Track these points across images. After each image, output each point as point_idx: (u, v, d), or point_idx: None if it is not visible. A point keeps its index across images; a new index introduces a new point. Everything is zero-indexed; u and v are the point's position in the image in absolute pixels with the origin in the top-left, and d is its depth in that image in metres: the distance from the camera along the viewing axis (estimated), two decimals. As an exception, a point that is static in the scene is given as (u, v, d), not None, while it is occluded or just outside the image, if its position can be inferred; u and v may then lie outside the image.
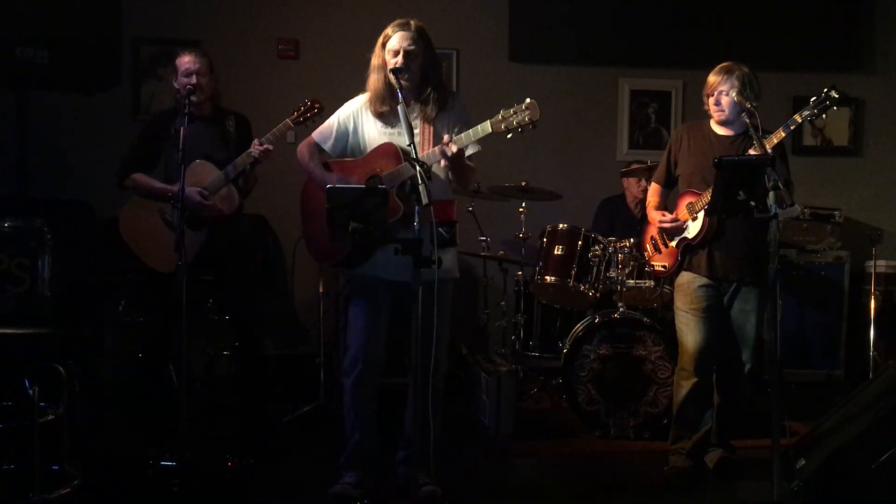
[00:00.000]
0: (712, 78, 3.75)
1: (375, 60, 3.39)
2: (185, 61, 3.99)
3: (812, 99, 3.60)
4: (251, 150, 3.95)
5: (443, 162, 3.25)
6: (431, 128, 3.37)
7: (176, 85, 4.05)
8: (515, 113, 3.16)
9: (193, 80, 3.93)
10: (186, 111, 3.72)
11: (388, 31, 3.36)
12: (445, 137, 3.21)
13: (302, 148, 3.53)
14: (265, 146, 3.95)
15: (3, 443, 3.50)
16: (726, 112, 3.73)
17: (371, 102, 3.43)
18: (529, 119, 3.14)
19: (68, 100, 5.33)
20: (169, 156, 4.04)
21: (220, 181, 3.95)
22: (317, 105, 4.08)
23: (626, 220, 5.34)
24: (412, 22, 3.36)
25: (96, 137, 5.49)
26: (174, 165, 4.00)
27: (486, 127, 3.20)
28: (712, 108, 3.76)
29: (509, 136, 3.18)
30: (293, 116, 4.07)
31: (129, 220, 4.06)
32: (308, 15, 5.88)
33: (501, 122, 3.17)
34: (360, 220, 2.86)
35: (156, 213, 4.03)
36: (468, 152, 3.31)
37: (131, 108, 5.69)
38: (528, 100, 3.17)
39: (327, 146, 3.50)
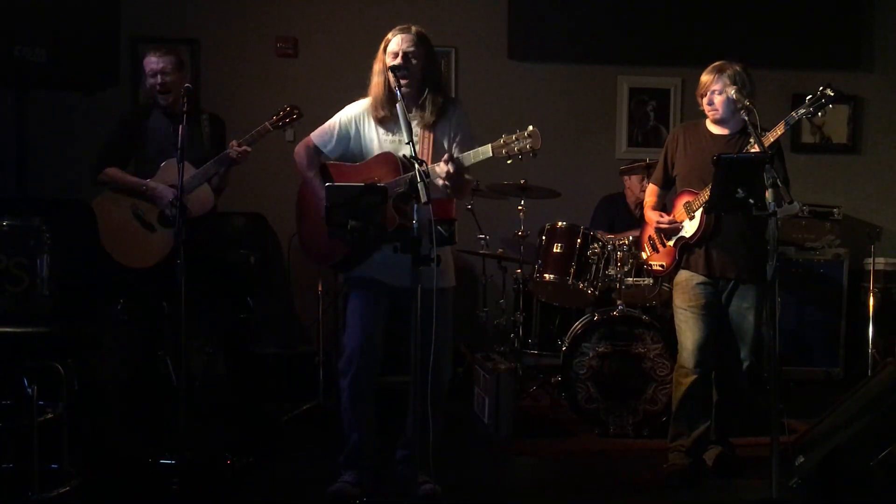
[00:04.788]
0: (705, 77, 3.75)
1: (377, 65, 3.39)
2: (150, 62, 3.98)
3: (808, 97, 3.60)
4: (229, 151, 3.94)
5: (439, 181, 3.24)
6: (431, 135, 3.36)
7: (146, 85, 4.03)
8: (517, 140, 3.16)
9: (159, 79, 3.92)
10: (185, 111, 3.67)
11: (389, 35, 3.37)
12: (446, 156, 3.20)
13: (300, 150, 3.51)
14: (244, 148, 3.94)
15: (2, 442, 3.50)
16: (720, 111, 3.73)
17: (373, 108, 3.42)
18: (531, 147, 3.15)
19: (67, 99, 5.33)
20: (142, 153, 4.01)
21: (196, 180, 3.93)
22: (296, 111, 4.09)
23: (626, 218, 5.35)
24: (413, 27, 3.37)
25: (95, 137, 5.44)
26: (147, 163, 3.99)
27: (486, 150, 3.20)
28: (706, 107, 3.77)
29: (509, 161, 3.19)
30: (272, 120, 4.07)
31: (99, 215, 4.04)
32: (307, 13, 5.88)
33: (503, 147, 3.18)
34: (359, 218, 2.86)
35: (127, 208, 4.00)
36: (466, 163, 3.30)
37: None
38: (530, 127, 3.17)
39: (327, 149, 3.48)
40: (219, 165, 3.97)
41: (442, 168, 3.19)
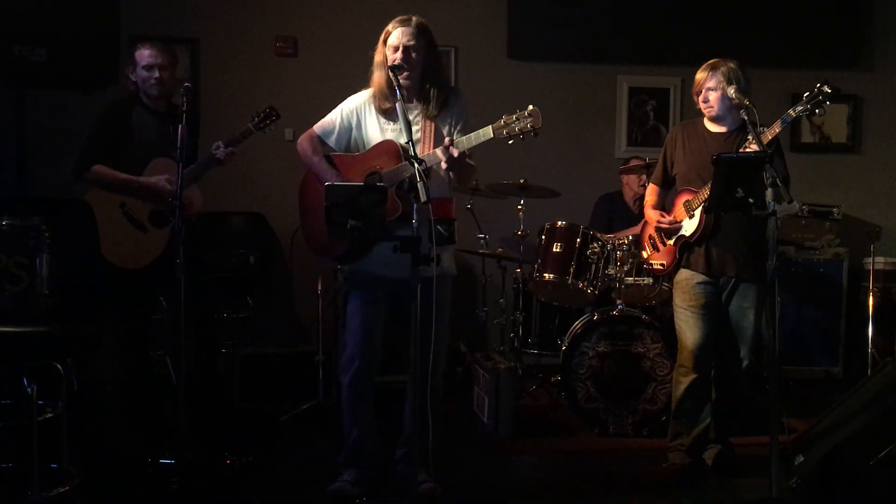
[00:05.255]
0: (699, 75, 3.76)
1: (378, 57, 3.39)
2: (146, 55, 3.90)
3: (805, 94, 3.60)
4: (217, 153, 3.90)
5: (443, 164, 3.24)
6: (433, 126, 3.37)
7: (133, 77, 3.98)
8: (518, 119, 3.16)
9: (157, 74, 3.88)
10: (184, 109, 3.64)
11: (390, 27, 3.36)
12: (446, 140, 3.21)
13: (303, 141, 3.52)
14: (230, 149, 3.91)
15: (1, 441, 3.50)
16: (715, 108, 3.73)
17: (374, 98, 3.42)
18: (531, 126, 3.15)
19: (67, 98, 5.32)
20: (125, 149, 3.96)
21: (185, 181, 3.85)
22: (274, 112, 4.05)
23: (625, 216, 5.35)
24: (413, 18, 3.36)
25: (94, 136, 5.48)
26: (132, 160, 3.94)
27: (487, 132, 3.21)
28: (701, 105, 3.78)
29: (510, 141, 3.19)
30: (255, 123, 4.02)
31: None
32: (307, 13, 5.88)
33: (503, 127, 3.18)
34: (358, 217, 2.86)
35: (116, 207, 3.96)
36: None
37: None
38: (530, 107, 3.17)
39: (330, 140, 3.49)
40: (206, 167, 3.94)
41: (441, 154, 3.19)
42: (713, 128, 3.82)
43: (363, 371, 3.43)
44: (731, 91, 3.63)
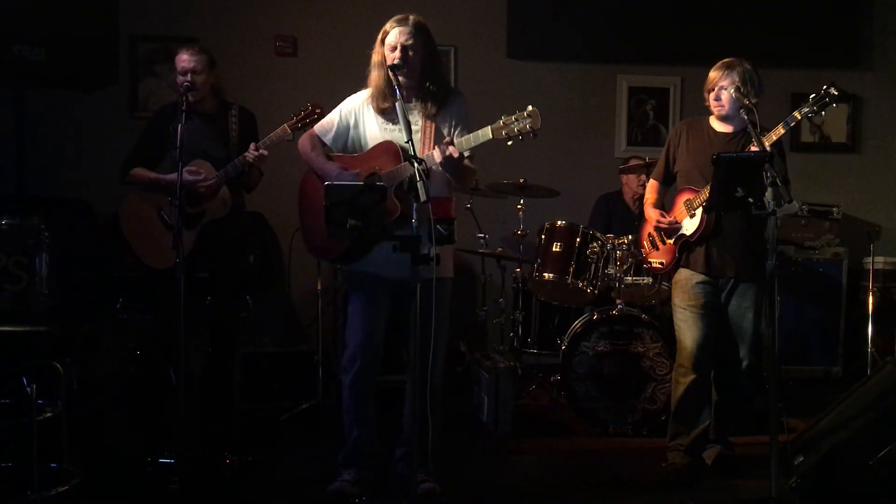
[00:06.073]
0: (713, 73, 3.75)
1: (375, 57, 3.39)
2: (182, 59, 3.96)
3: (811, 96, 3.60)
4: (247, 154, 3.92)
5: (437, 162, 3.23)
6: (433, 125, 3.37)
7: (176, 82, 4.03)
8: (517, 120, 3.16)
9: (189, 78, 3.91)
10: (183, 109, 3.69)
11: (387, 26, 3.37)
12: (444, 141, 3.21)
13: (304, 140, 3.54)
14: (261, 151, 3.92)
15: (1, 441, 3.50)
16: (726, 108, 3.73)
17: (373, 98, 3.43)
18: (531, 127, 3.15)
19: (65, 97, 5.33)
20: (171, 152, 4.02)
21: (217, 182, 3.92)
22: (317, 110, 4.00)
23: (624, 216, 5.35)
24: (411, 17, 3.35)
25: (94, 135, 5.49)
26: (175, 163, 3.99)
27: (486, 133, 3.21)
28: (712, 103, 3.77)
29: (510, 143, 3.19)
30: (292, 122, 3.97)
31: (129, 218, 4.03)
32: (306, 12, 5.88)
33: (502, 128, 3.17)
34: (358, 216, 2.86)
35: (153, 208, 4.01)
36: (467, 153, 3.30)
37: (128, 105, 5.68)
38: (529, 107, 3.16)
39: (328, 139, 3.50)
40: (237, 168, 3.96)
41: (438, 154, 3.19)
42: (719, 127, 3.81)
43: (364, 371, 3.43)
44: (732, 90, 3.63)
